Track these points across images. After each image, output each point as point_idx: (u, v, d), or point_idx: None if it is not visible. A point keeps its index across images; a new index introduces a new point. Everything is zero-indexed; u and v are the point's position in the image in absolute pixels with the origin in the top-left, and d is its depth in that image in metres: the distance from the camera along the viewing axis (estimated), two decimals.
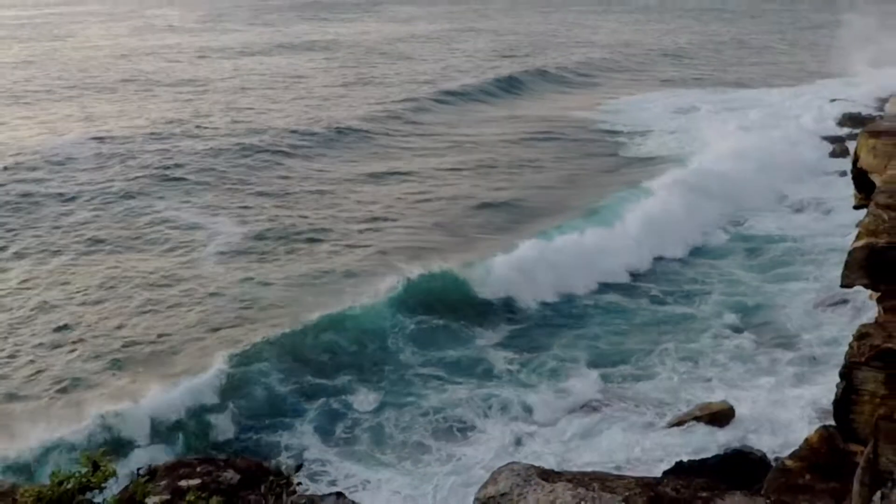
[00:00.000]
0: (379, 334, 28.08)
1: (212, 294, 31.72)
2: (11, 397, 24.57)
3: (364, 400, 24.79)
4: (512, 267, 32.24)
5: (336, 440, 23.28)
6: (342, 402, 24.68)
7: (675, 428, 23.19)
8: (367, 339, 27.74)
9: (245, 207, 42.45)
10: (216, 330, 28.84)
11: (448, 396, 25.06)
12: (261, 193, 45.06)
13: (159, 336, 28.57)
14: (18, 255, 35.55)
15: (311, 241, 37.50)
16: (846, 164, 15.44)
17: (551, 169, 52.64)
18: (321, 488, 17.81)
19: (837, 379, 12.05)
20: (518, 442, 22.93)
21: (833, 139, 56.03)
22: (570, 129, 64.40)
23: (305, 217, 40.79)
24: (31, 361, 26.54)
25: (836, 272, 11.86)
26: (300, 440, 23.11)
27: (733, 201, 42.29)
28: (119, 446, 20.86)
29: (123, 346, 27.50)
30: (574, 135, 62.06)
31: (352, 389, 25.26)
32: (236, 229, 38.73)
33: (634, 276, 34.06)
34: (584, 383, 25.85)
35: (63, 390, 24.92)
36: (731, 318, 30.34)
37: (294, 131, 59.18)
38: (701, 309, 31.21)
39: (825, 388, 21.80)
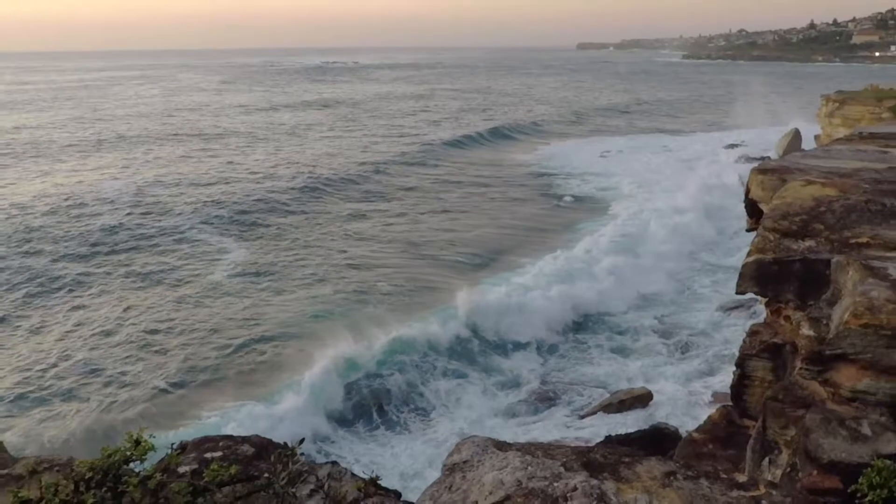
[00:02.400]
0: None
1: (231, 313, 31.37)
2: (93, 410, 23.73)
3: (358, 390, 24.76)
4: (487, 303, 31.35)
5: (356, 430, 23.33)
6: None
7: (604, 410, 23.32)
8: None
9: (259, 240, 42.21)
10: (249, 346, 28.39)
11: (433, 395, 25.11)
12: (272, 229, 44.71)
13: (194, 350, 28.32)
14: (75, 281, 35.08)
15: (312, 268, 37.15)
16: (740, 195, 15.68)
17: (500, 200, 53.13)
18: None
19: (734, 368, 12.18)
20: (478, 425, 22.93)
21: (729, 175, 56.33)
22: (517, 174, 64.50)
23: (306, 250, 40.35)
24: (104, 378, 25.71)
25: (733, 283, 11.99)
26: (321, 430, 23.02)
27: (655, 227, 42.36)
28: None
29: (172, 363, 26.76)
30: (521, 180, 61.99)
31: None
32: (251, 259, 38.48)
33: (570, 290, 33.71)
34: (532, 378, 26.04)
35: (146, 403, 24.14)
36: (650, 321, 30.55)
37: (298, 175, 59.33)
38: (626, 315, 31.38)
39: (724, 375, 22.02)
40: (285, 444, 5.81)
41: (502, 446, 6.10)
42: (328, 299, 32.78)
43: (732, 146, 75.19)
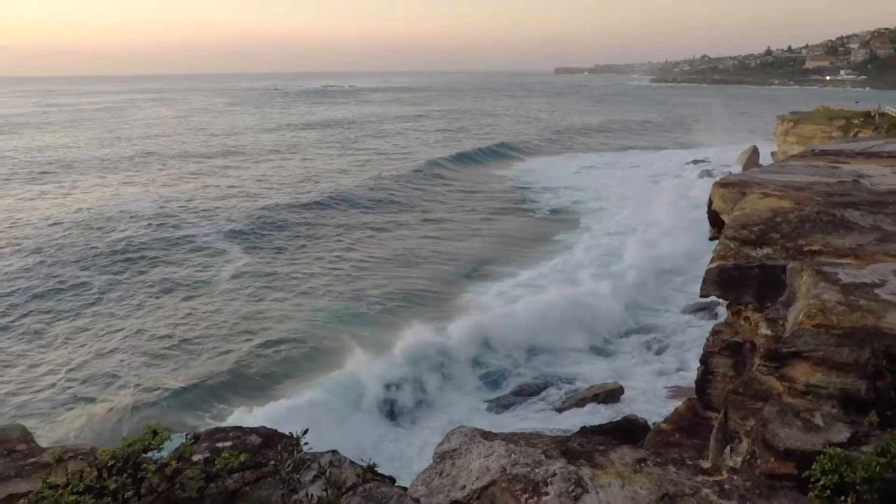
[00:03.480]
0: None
1: (240, 319, 31.14)
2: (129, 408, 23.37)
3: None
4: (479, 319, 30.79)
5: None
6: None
7: (580, 402, 23.37)
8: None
9: (265, 250, 42.06)
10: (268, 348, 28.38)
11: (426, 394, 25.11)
12: (278, 239, 44.56)
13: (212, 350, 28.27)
14: (98, 288, 34.88)
15: (315, 276, 37.09)
16: (703, 207, 15.71)
17: (484, 213, 53.21)
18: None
19: (698, 364, 12.22)
20: (466, 417, 22.91)
21: (695, 189, 56.35)
22: (500, 189, 64.58)
23: (309, 259, 40.31)
24: (125, 377, 25.48)
25: (697, 287, 12.06)
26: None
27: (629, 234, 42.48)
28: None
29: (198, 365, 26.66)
30: (504, 194, 61.93)
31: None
32: (257, 268, 38.29)
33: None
34: (515, 375, 26.12)
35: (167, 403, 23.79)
36: (623, 323, 30.57)
37: (302, 190, 59.39)
38: (600, 318, 31.33)
39: (689, 372, 22.09)
40: (290, 434, 5.84)
41: (488, 436, 6.13)
42: (329, 306, 32.70)
43: (696, 162, 75.43)
